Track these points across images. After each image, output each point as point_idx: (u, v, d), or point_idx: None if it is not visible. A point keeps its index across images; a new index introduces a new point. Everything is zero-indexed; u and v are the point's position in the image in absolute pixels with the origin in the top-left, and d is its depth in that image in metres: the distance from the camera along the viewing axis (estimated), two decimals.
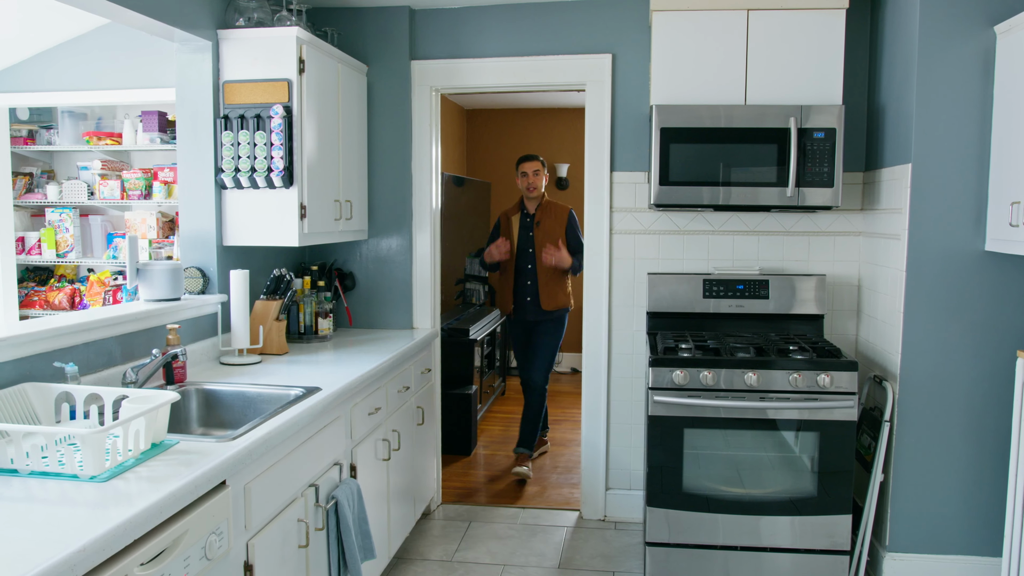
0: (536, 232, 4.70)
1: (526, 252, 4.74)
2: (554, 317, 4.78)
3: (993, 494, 3.19)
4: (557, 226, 4.68)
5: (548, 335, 4.82)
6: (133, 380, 2.49)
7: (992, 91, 3.05)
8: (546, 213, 4.72)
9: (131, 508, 1.60)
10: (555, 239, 4.65)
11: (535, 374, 4.83)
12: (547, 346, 4.81)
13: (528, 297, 4.74)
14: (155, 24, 2.89)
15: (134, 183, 4.71)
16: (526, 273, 4.75)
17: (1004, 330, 3.13)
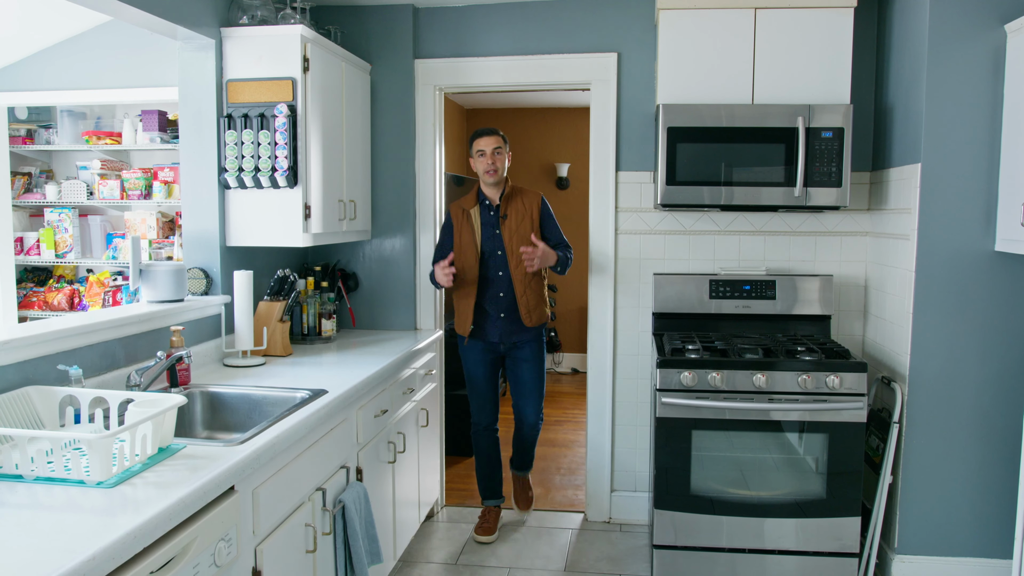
0: (504, 228, 3.67)
1: (494, 256, 3.66)
2: (535, 335, 3.82)
3: (1003, 496, 3.17)
4: (528, 218, 3.69)
5: (533, 360, 3.82)
6: (137, 383, 2.45)
7: (1002, 90, 3.03)
8: (514, 203, 3.70)
9: (140, 515, 1.57)
10: (528, 235, 3.64)
11: (528, 413, 3.89)
12: (536, 374, 3.85)
13: (502, 313, 3.69)
14: (158, 22, 2.85)
15: (134, 183, 4.67)
16: (497, 283, 3.68)
17: (1014, 331, 3.11)
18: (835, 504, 3.17)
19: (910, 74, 3.25)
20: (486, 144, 3.65)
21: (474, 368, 3.86)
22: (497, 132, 3.70)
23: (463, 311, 3.75)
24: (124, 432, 1.80)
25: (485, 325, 3.75)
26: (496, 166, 3.65)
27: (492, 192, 3.72)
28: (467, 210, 3.73)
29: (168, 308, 2.84)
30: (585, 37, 3.85)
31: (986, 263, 3.10)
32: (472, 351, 3.83)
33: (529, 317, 3.72)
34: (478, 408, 3.92)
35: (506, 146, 3.72)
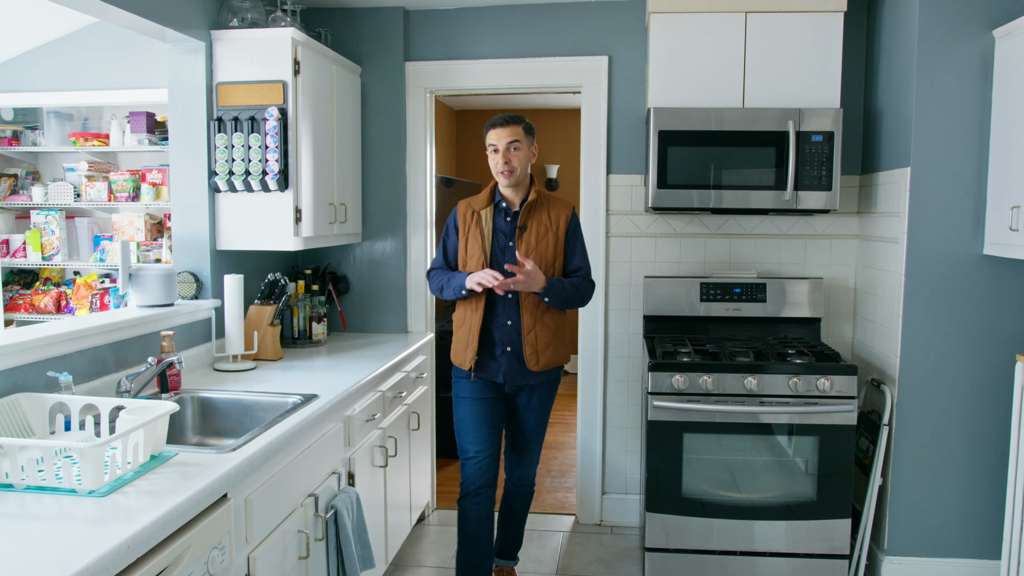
0: (521, 242, 2.97)
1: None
2: (547, 378, 3.08)
3: (992, 497, 3.19)
4: (553, 234, 3.00)
5: (541, 410, 3.14)
6: (128, 389, 2.44)
7: (991, 95, 3.05)
8: (537, 213, 3.01)
9: (133, 525, 1.56)
10: (549, 256, 2.99)
11: (527, 469, 3.23)
12: (542, 424, 3.17)
13: (507, 347, 2.98)
14: (147, 24, 2.83)
15: (121, 185, 4.64)
16: (504, 308, 2.97)
17: (1002, 334, 3.14)
18: (825, 506, 3.19)
19: (899, 78, 3.26)
20: (499, 137, 2.95)
21: (472, 407, 3.05)
22: (517, 120, 2.98)
23: (464, 338, 3.04)
24: (116, 440, 1.78)
25: (485, 359, 3.02)
26: (512, 165, 2.95)
27: (510, 193, 3.03)
28: (477, 211, 3.04)
29: (158, 313, 2.82)
30: (576, 40, 3.85)
31: (974, 267, 3.12)
32: (471, 387, 3.06)
33: (535, 359, 2.97)
34: (474, 461, 3.04)
35: (528, 139, 3.00)
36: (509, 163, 2.96)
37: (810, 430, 3.17)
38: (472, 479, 3.03)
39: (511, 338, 2.98)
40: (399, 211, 3.99)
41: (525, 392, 3.09)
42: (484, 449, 3.03)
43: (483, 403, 3.05)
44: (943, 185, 3.11)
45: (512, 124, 2.97)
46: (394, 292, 4.02)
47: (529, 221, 3.01)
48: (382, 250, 4.02)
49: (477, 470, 3.03)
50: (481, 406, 3.05)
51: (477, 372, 3.04)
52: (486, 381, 3.05)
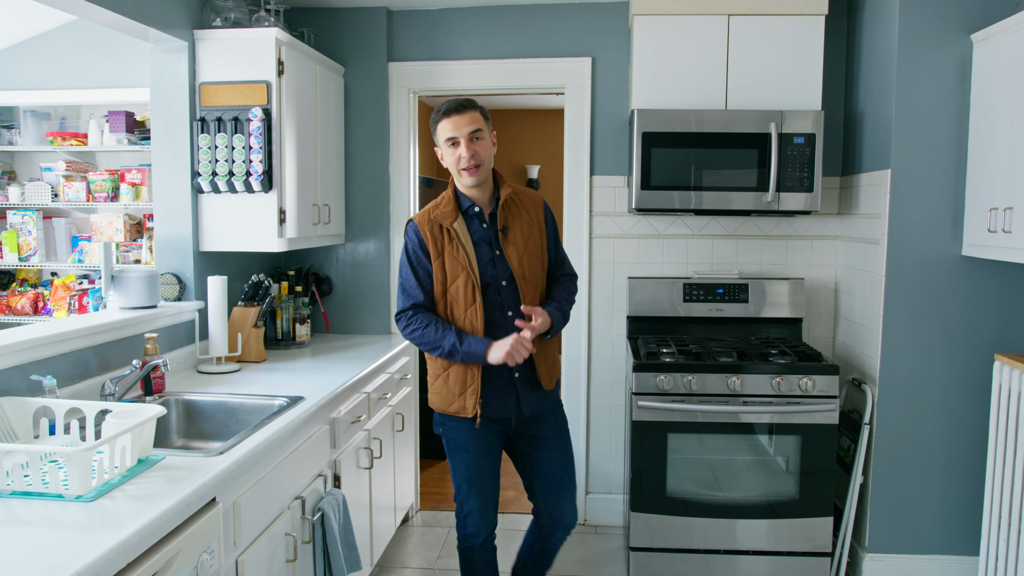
0: (507, 247, 2.56)
1: (497, 288, 2.54)
2: (555, 399, 2.75)
3: (970, 494, 3.24)
4: (537, 229, 2.64)
5: (561, 437, 2.74)
6: (112, 392, 2.41)
7: (969, 98, 3.10)
8: (514, 209, 2.61)
9: (122, 530, 1.54)
10: (540, 253, 2.64)
11: (567, 513, 2.75)
12: (568, 453, 2.76)
13: (516, 373, 2.57)
14: (128, 23, 2.80)
15: (100, 185, 4.58)
16: (506, 325, 2.55)
17: (981, 333, 3.18)
18: (808, 505, 3.22)
19: (880, 81, 3.30)
20: (457, 127, 2.48)
21: (476, 460, 2.64)
22: (473, 105, 2.51)
23: (459, 380, 2.56)
24: (104, 444, 1.77)
25: (491, 396, 2.57)
26: (480, 157, 2.50)
27: (478, 195, 2.58)
28: (446, 226, 2.53)
29: (141, 315, 2.79)
30: (560, 41, 3.86)
31: (953, 267, 3.17)
32: (474, 434, 2.62)
33: (547, 375, 2.64)
34: (479, 515, 2.69)
35: (488, 125, 2.55)
36: (476, 155, 2.49)
37: (792, 429, 3.21)
38: (476, 532, 2.70)
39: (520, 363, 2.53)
40: (382, 212, 3.98)
41: (537, 422, 2.66)
42: (487, 503, 2.70)
43: (487, 453, 2.64)
44: (923, 187, 3.15)
45: (470, 109, 2.50)
46: (377, 293, 4.01)
47: (510, 220, 2.58)
48: (365, 251, 4.00)
49: (482, 524, 2.70)
50: (486, 457, 2.64)
51: (492, 410, 2.59)
52: (491, 421, 2.62)
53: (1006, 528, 2.84)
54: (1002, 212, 2.80)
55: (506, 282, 2.55)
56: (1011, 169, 2.76)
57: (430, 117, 2.56)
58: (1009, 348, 3.16)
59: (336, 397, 2.77)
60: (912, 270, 3.19)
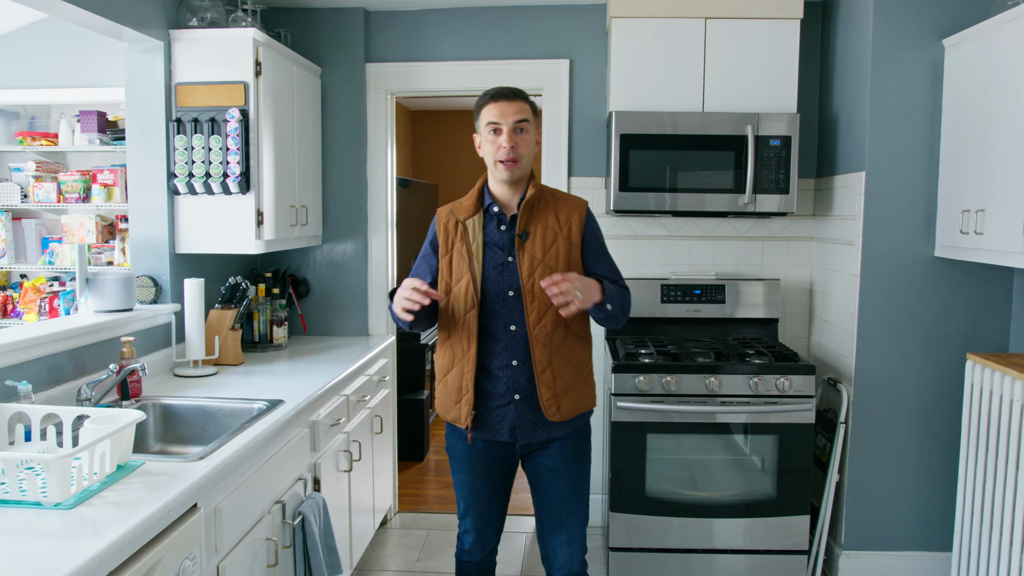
0: (522, 254, 2.31)
1: (502, 298, 2.32)
2: (572, 429, 2.42)
3: (943, 491, 3.30)
4: (564, 239, 2.34)
5: (567, 469, 2.42)
6: (89, 397, 2.38)
7: (941, 102, 3.15)
8: (541, 213, 2.35)
9: (103, 538, 1.52)
10: (562, 266, 2.31)
11: (561, 557, 2.47)
12: (573, 495, 2.44)
13: (516, 395, 2.33)
14: (103, 22, 2.76)
15: (71, 185, 4.51)
16: (506, 344, 2.33)
17: (953, 333, 3.24)
18: (785, 503, 3.25)
19: (854, 85, 3.35)
20: (503, 114, 2.27)
21: (471, 483, 2.47)
22: (523, 95, 2.31)
23: (455, 387, 2.39)
24: (82, 451, 1.74)
25: (485, 413, 2.37)
26: (520, 151, 2.28)
27: (506, 193, 2.36)
28: (462, 220, 2.37)
29: (117, 318, 2.75)
30: (538, 43, 3.87)
31: (926, 268, 3.22)
32: (468, 453, 2.44)
33: (555, 406, 2.32)
34: (475, 535, 2.52)
35: (536, 121, 2.34)
36: (515, 148, 2.27)
37: (770, 429, 3.24)
38: (472, 551, 2.55)
39: (519, 382, 2.33)
40: (360, 213, 3.96)
41: (544, 450, 2.40)
42: (485, 526, 2.52)
43: (484, 479, 2.45)
44: (896, 189, 3.20)
45: (519, 99, 2.30)
46: (355, 295, 3.99)
47: (532, 225, 2.33)
48: (343, 252, 3.98)
49: (478, 545, 2.54)
50: (482, 482, 2.45)
51: (473, 430, 2.38)
52: (488, 443, 2.41)
53: (978, 524, 2.90)
54: (974, 214, 2.85)
55: (512, 293, 2.31)
56: (982, 171, 2.82)
57: (476, 101, 2.35)
58: (980, 347, 3.22)
59: (316, 400, 2.75)
60: (886, 271, 3.23)
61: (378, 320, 4.01)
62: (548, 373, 2.32)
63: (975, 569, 2.91)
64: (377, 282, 3.99)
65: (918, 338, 3.25)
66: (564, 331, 2.34)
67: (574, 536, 2.46)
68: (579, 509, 2.46)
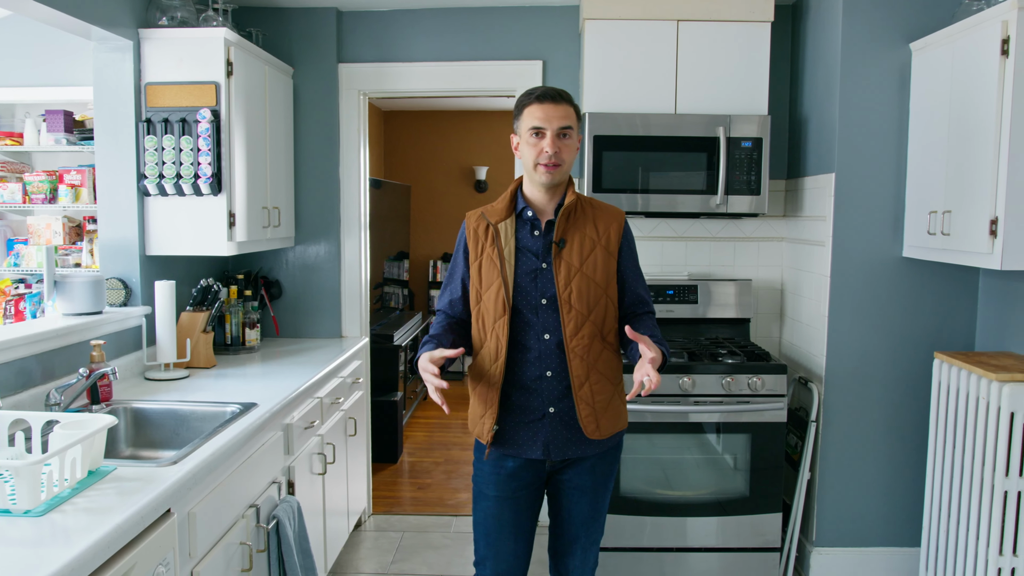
0: (559, 263, 2.21)
1: (535, 306, 2.21)
2: (607, 448, 2.32)
3: (912, 488, 3.35)
4: (603, 249, 2.24)
5: (594, 490, 2.33)
6: (58, 401, 2.34)
7: (908, 105, 3.20)
8: (578, 221, 2.26)
9: (75, 546, 1.50)
10: (599, 277, 2.22)
11: (573, 567, 2.41)
12: (593, 515, 2.36)
13: (550, 408, 2.22)
14: (70, 21, 2.72)
15: (37, 186, 4.44)
16: (539, 354, 2.22)
17: (920, 332, 3.29)
18: (758, 501, 3.29)
19: (823, 88, 3.39)
20: (548, 118, 2.17)
21: (495, 510, 2.30)
22: (570, 100, 2.22)
23: (480, 399, 2.28)
24: (53, 457, 1.71)
25: (515, 428, 2.24)
26: (563, 156, 2.19)
27: (543, 198, 2.26)
28: (494, 224, 2.26)
29: (86, 321, 2.71)
30: (511, 45, 3.87)
31: (894, 268, 3.27)
32: (495, 468, 2.29)
33: (594, 423, 2.22)
34: (494, 561, 2.33)
35: (579, 127, 2.25)
36: (559, 153, 2.17)
37: (742, 428, 3.27)
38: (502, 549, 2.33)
39: (555, 395, 2.21)
40: (333, 215, 3.93)
41: (574, 468, 2.29)
42: (506, 566, 2.33)
43: (511, 503, 2.29)
44: (865, 190, 3.25)
45: (565, 102, 2.19)
46: (328, 296, 3.97)
47: (569, 233, 2.23)
48: (315, 254, 3.96)
49: (498, 570, 2.34)
50: (508, 508, 2.29)
51: (500, 447, 2.25)
52: (516, 460, 2.26)
53: (946, 519, 2.95)
54: (940, 215, 2.90)
55: (546, 301, 2.19)
56: (949, 173, 2.87)
57: (517, 99, 2.24)
58: (947, 346, 3.28)
59: (289, 403, 2.73)
60: (855, 271, 3.28)
61: (352, 322, 3.99)
62: (586, 388, 2.21)
63: (943, 563, 2.97)
64: (350, 284, 3.97)
65: (887, 337, 3.30)
66: (601, 343, 2.23)
67: (588, 555, 2.40)
68: (598, 527, 2.39)
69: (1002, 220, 2.56)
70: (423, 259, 7.78)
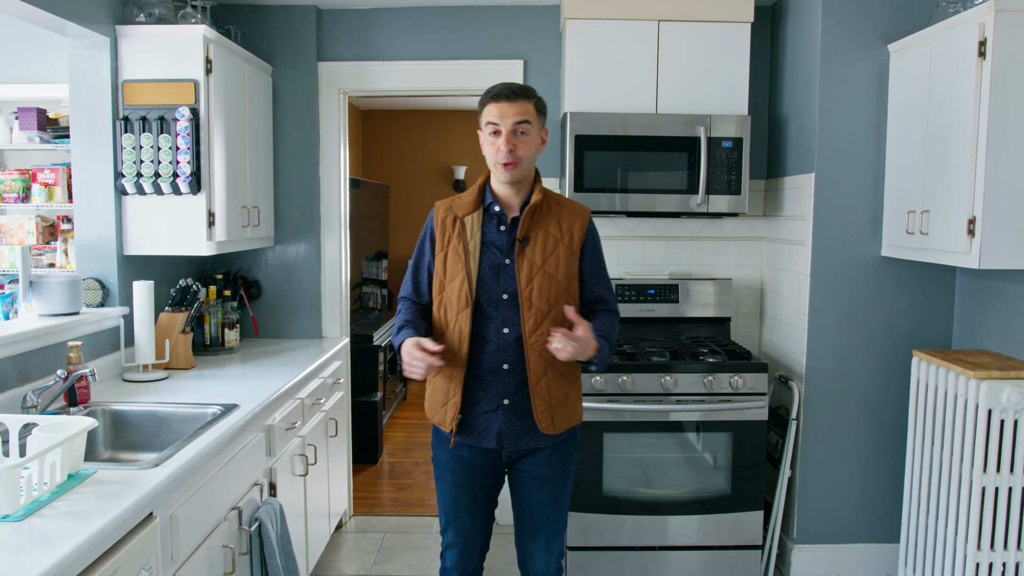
0: (522, 259, 2.25)
1: (496, 301, 2.26)
2: (561, 440, 2.37)
3: (891, 484, 3.39)
4: (565, 247, 2.29)
5: (553, 479, 2.38)
6: (35, 404, 2.30)
7: (887, 105, 3.23)
8: (543, 219, 2.30)
9: (56, 551, 1.47)
10: (560, 275, 2.27)
11: (539, 558, 2.43)
12: (554, 505, 2.40)
13: (504, 399, 2.28)
14: (44, 16, 2.67)
15: (9, 185, 4.36)
16: (498, 347, 2.26)
17: (899, 331, 3.33)
18: (739, 499, 3.31)
19: (803, 88, 3.42)
20: (502, 114, 2.20)
21: (453, 494, 2.39)
22: (527, 94, 2.23)
23: (443, 388, 2.32)
24: (32, 460, 1.68)
25: (471, 418, 2.31)
26: (518, 154, 2.21)
27: (508, 193, 2.30)
28: (460, 217, 2.30)
29: (63, 322, 2.67)
30: (492, 44, 3.86)
31: (873, 267, 3.30)
32: (452, 461, 2.36)
33: (549, 419, 2.28)
34: (457, 553, 2.44)
35: (540, 120, 2.27)
36: (514, 151, 2.20)
37: (724, 426, 3.29)
38: (452, 567, 2.45)
39: (510, 388, 2.27)
40: (312, 214, 3.90)
41: (531, 458, 2.35)
42: (468, 544, 2.43)
43: (466, 489, 2.37)
44: (845, 190, 3.28)
45: (521, 98, 2.21)
46: (308, 296, 3.94)
47: (533, 231, 2.27)
48: (295, 254, 3.92)
49: (460, 563, 2.44)
50: (464, 493, 2.37)
51: (458, 435, 2.32)
52: (472, 450, 2.33)
53: (924, 515, 2.98)
54: (919, 215, 2.93)
55: (507, 296, 2.24)
56: (927, 173, 2.90)
57: (480, 98, 2.28)
58: (925, 344, 3.32)
59: (271, 404, 2.71)
60: (835, 270, 3.31)
61: (332, 322, 3.96)
62: (543, 384, 2.26)
63: (922, 559, 3.00)
64: (331, 284, 3.95)
65: (866, 336, 3.33)
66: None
67: (553, 544, 2.43)
68: (560, 517, 2.44)
69: (980, 220, 2.60)
70: (402, 259, 7.75)
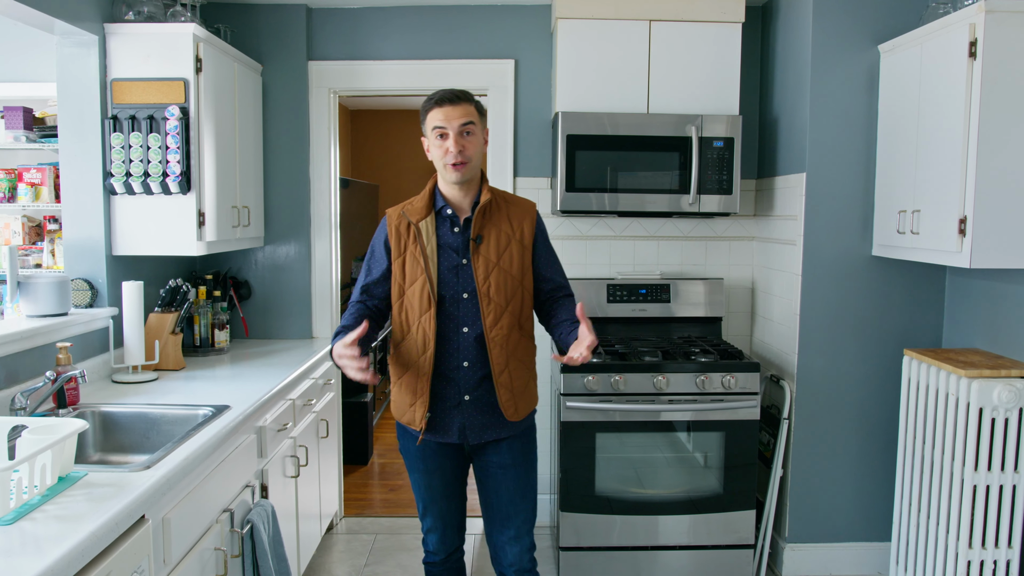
0: (477, 258, 2.35)
1: (457, 300, 2.35)
2: (522, 429, 2.49)
3: (882, 483, 3.40)
4: (517, 243, 2.39)
5: (515, 466, 2.47)
6: (24, 406, 2.27)
7: (877, 105, 3.24)
8: (494, 217, 2.39)
9: (47, 555, 1.45)
10: (515, 270, 2.38)
11: (511, 553, 2.49)
12: (522, 491, 2.48)
13: (466, 395, 2.36)
14: (32, 13, 2.64)
15: None
16: (458, 346, 2.35)
17: (890, 330, 3.34)
18: (731, 499, 3.31)
19: (794, 88, 3.43)
20: (448, 117, 2.28)
21: (426, 481, 2.50)
22: (468, 98, 2.33)
23: (411, 388, 2.39)
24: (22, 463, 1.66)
25: (435, 415, 2.39)
26: (468, 154, 2.30)
27: (457, 195, 2.38)
28: (414, 223, 2.36)
29: (52, 323, 2.64)
30: (483, 43, 3.86)
31: (864, 267, 3.31)
32: (420, 454, 2.45)
33: (513, 406, 2.39)
34: (438, 536, 2.56)
35: (482, 121, 2.37)
36: (463, 151, 2.28)
37: (716, 426, 3.29)
38: (436, 551, 2.59)
39: (470, 384, 2.36)
40: (303, 214, 3.88)
41: (492, 447, 2.44)
42: (447, 525, 2.56)
43: (439, 475, 2.48)
44: (835, 190, 3.29)
45: (464, 101, 2.30)
46: (298, 297, 3.92)
47: (486, 229, 2.36)
48: (285, 254, 3.90)
49: (441, 545, 2.58)
50: (437, 478, 2.49)
51: (426, 432, 2.40)
52: (438, 444, 2.43)
53: (915, 514, 2.99)
54: (910, 214, 2.94)
55: (467, 295, 2.33)
56: (918, 173, 2.91)
57: (422, 105, 2.35)
58: (916, 343, 3.33)
59: (262, 405, 2.69)
60: (826, 270, 3.32)
61: (322, 323, 3.94)
62: (506, 375, 2.38)
63: (913, 557, 3.01)
64: (321, 284, 3.93)
65: (857, 335, 3.34)
66: (519, 333, 2.42)
67: (523, 533, 2.50)
68: (527, 507, 2.51)
69: (971, 219, 2.61)
70: None
